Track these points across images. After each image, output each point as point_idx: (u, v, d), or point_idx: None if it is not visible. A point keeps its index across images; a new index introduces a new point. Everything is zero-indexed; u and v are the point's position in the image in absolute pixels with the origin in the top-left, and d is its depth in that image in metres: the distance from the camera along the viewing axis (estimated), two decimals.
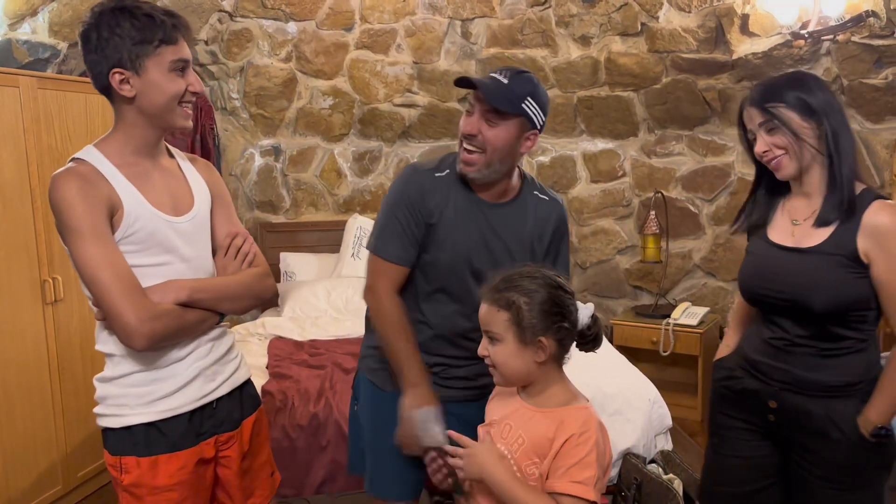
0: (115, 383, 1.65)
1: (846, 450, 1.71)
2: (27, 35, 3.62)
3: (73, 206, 1.51)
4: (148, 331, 1.51)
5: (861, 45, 3.67)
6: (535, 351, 1.47)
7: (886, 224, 1.64)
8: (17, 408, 3.02)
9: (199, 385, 1.68)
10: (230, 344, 1.81)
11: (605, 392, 2.94)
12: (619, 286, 5.07)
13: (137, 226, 1.58)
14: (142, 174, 1.63)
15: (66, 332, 3.28)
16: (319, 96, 4.81)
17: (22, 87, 3.06)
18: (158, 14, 1.55)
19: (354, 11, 4.69)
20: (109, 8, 1.54)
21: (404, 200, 1.83)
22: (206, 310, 1.65)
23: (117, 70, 1.54)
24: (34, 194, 3.11)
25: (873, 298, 1.68)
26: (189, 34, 1.62)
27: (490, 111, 1.74)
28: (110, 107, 1.66)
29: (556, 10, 4.60)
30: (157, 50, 1.54)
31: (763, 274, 1.80)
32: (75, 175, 1.54)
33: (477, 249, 1.84)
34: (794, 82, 1.73)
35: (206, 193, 1.76)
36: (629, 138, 4.89)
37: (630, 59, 4.53)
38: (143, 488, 1.62)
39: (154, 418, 1.63)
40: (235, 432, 1.77)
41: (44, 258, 3.15)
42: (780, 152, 1.71)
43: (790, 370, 1.75)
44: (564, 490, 1.40)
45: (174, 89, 1.58)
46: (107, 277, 1.50)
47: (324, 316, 4.18)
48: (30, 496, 3.07)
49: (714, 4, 4.13)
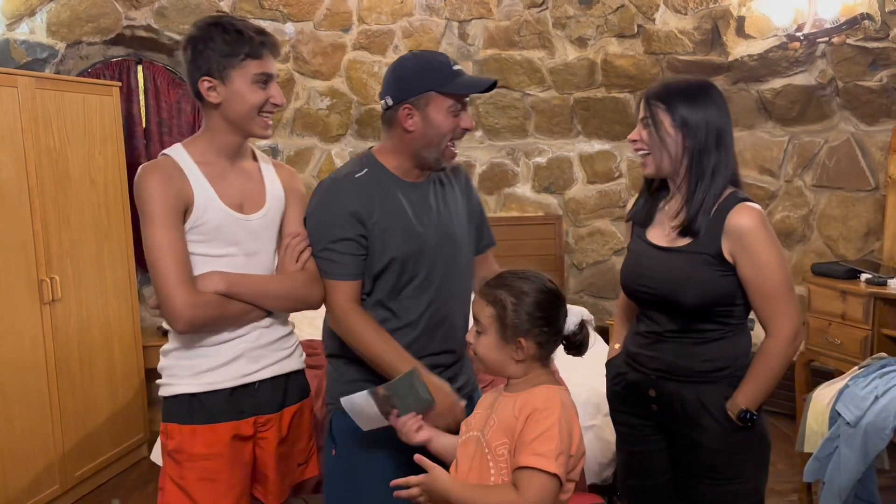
0: (170, 356, 1.80)
1: (716, 435, 1.79)
2: (25, 35, 3.63)
3: (150, 195, 1.68)
4: (189, 316, 1.66)
5: (856, 48, 3.69)
6: (515, 349, 1.51)
7: (747, 226, 1.72)
8: (14, 408, 3.02)
9: (241, 364, 1.79)
10: (284, 333, 1.89)
11: (600, 392, 2.93)
12: (616, 287, 5.08)
13: (205, 218, 1.72)
14: (219, 173, 1.77)
15: (64, 332, 3.28)
16: (317, 97, 4.82)
17: (20, 87, 3.06)
18: (248, 31, 1.72)
19: (352, 12, 4.70)
20: (207, 22, 1.73)
21: (334, 212, 1.79)
22: (248, 303, 1.76)
23: (206, 78, 1.71)
24: (32, 194, 3.11)
25: (739, 295, 1.79)
26: (276, 51, 1.77)
27: (469, 102, 1.85)
28: (107, 107, 1.72)
29: (553, 12, 4.61)
30: (243, 63, 1.70)
31: (639, 271, 1.90)
32: (157, 167, 1.72)
33: (429, 227, 1.84)
34: (686, 91, 1.79)
35: (281, 197, 1.87)
36: (625, 139, 4.90)
37: (626, 61, 4.55)
38: (183, 454, 1.75)
39: (197, 389, 1.76)
40: (275, 416, 1.85)
41: (41, 258, 3.15)
42: (645, 148, 1.82)
43: (663, 358, 1.85)
44: (525, 463, 1.41)
45: (255, 100, 1.73)
46: (165, 262, 1.66)
47: (320, 317, 4.16)
48: (27, 496, 3.08)
49: (710, 6, 4.15)
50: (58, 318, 3.24)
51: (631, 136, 1.85)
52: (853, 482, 2.50)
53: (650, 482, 1.96)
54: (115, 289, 3.62)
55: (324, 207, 1.82)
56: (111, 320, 3.61)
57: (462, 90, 1.78)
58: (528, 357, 1.51)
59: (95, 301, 3.50)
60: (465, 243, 1.95)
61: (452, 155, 1.84)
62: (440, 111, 1.77)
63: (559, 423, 1.43)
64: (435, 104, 1.77)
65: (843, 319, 3.39)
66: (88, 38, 3.93)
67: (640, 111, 1.84)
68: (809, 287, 3.63)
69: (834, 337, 3.42)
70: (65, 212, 3.31)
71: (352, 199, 1.78)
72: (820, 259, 4.10)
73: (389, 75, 1.83)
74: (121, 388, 3.68)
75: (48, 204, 3.21)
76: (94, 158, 3.51)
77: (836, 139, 4.10)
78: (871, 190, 4.00)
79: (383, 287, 1.83)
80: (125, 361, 3.71)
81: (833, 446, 2.59)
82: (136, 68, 4.30)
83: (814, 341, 3.56)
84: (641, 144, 1.82)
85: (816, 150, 4.17)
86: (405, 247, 1.80)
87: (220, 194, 1.75)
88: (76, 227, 3.38)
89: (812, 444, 2.75)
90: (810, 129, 4.20)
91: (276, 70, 1.78)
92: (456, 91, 1.77)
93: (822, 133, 4.16)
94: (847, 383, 2.71)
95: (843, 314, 3.38)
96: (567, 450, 1.44)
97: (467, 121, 1.82)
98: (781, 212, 4.34)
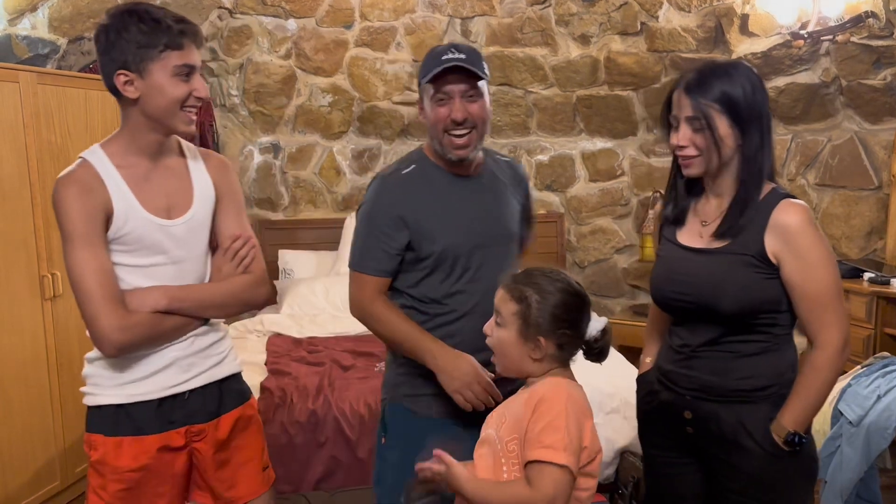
0: (94, 363, 1.70)
1: (759, 460, 1.62)
2: (27, 30, 3.62)
3: (67, 212, 1.59)
4: (117, 340, 1.57)
5: (860, 46, 3.68)
6: (533, 348, 1.47)
7: (794, 224, 1.58)
8: (14, 403, 3.02)
9: (170, 374, 1.70)
10: (216, 339, 1.80)
11: (602, 391, 2.94)
12: (618, 285, 5.08)
13: (127, 228, 1.62)
14: (141, 176, 1.66)
15: (65, 328, 3.27)
16: (319, 94, 4.81)
17: (21, 83, 3.05)
18: (167, 19, 1.58)
19: (354, 9, 4.69)
20: (120, 11, 1.58)
21: (380, 209, 1.82)
22: (189, 316, 1.68)
23: (122, 72, 1.58)
24: (33, 190, 3.10)
25: (784, 301, 1.62)
26: (198, 40, 1.64)
27: (469, 88, 1.76)
28: (109, 103, 1.68)
29: (556, 9, 4.60)
30: (162, 54, 1.57)
31: (672, 277, 1.73)
32: (74, 180, 1.61)
33: (474, 224, 1.84)
34: (728, 78, 1.61)
35: (210, 194, 1.77)
36: (628, 137, 4.89)
37: (629, 59, 4.54)
38: (107, 467, 1.67)
39: (123, 400, 1.67)
40: (208, 425, 1.76)
41: (43, 254, 3.15)
42: (695, 152, 1.63)
43: (699, 376, 1.68)
44: (534, 457, 1.38)
45: (176, 94, 1.61)
46: (88, 283, 1.57)
47: (322, 313, 4.18)
48: (27, 491, 3.07)
49: (714, 4, 4.14)
50: (58, 313, 3.24)
51: (676, 142, 1.65)
52: (855, 481, 2.49)
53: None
54: None
55: (369, 205, 1.85)
56: None
57: (431, 77, 1.75)
58: (545, 357, 1.48)
59: None
60: (515, 239, 1.95)
61: (454, 145, 1.79)
62: (428, 101, 1.80)
63: (565, 412, 1.40)
64: (426, 96, 1.81)
65: None
66: (90, 33, 3.91)
67: (681, 109, 1.64)
68: None
69: None
70: None
71: (396, 198, 1.81)
72: None
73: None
74: None
75: (49, 199, 3.18)
76: None
77: (839, 138, 4.08)
78: (875, 189, 3.99)
79: (433, 282, 1.83)
80: None
81: (835, 445, 2.59)
82: None
83: None
84: (692, 149, 1.63)
85: (819, 149, 4.16)
86: (452, 240, 1.81)
87: (142, 200, 1.64)
88: None
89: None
90: (813, 128, 4.19)
91: (199, 61, 1.64)
92: (424, 79, 1.77)
93: (825, 132, 4.15)
94: (850, 382, 2.70)
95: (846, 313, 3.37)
96: (576, 440, 1.40)
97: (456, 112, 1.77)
98: None
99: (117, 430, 1.67)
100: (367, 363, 3.33)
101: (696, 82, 1.63)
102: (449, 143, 1.79)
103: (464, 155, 1.80)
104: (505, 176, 1.96)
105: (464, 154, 1.80)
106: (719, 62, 1.73)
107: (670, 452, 1.80)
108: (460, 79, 1.75)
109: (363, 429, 2.77)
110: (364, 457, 2.75)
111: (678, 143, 1.65)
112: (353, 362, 3.35)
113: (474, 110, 1.77)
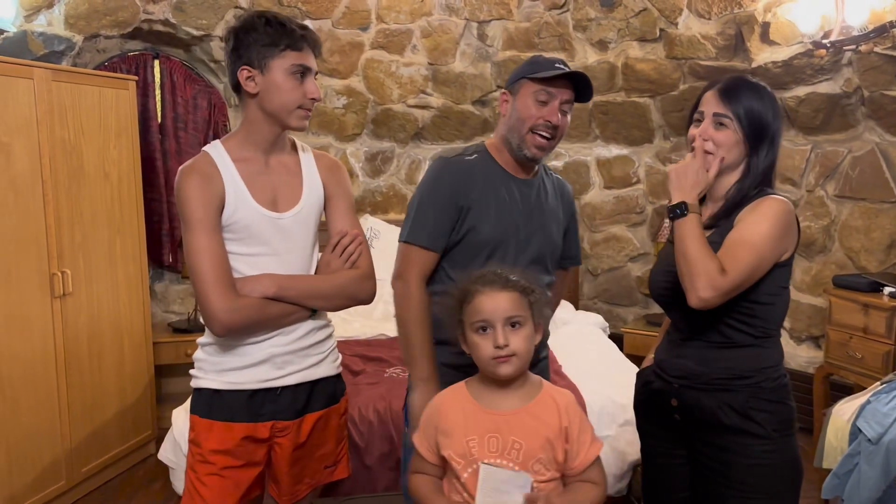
0: (204, 349, 1.83)
1: (739, 445, 1.71)
2: (42, 27, 3.62)
3: (188, 198, 1.71)
4: (226, 321, 1.68)
5: (883, 56, 3.61)
6: (535, 333, 1.55)
7: (759, 206, 1.69)
8: (22, 402, 3.00)
9: (265, 369, 1.79)
10: (320, 339, 1.89)
11: (615, 401, 2.89)
12: (631, 294, 5.03)
13: (236, 217, 1.74)
14: (254, 169, 1.79)
15: (74, 327, 3.26)
16: (333, 95, 4.79)
17: (36, 80, 3.04)
18: (291, 24, 1.74)
19: (371, 11, 4.67)
20: (251, 15, 1.75)
21: (440, 188, 1.89)
22: (293, 304, 1.77)
23: (245, 67, 1.73)
24: (46, 187, 3.09)
25: (763, 292, 1.69)
26: (318, 48, 1.79)
27: (567, 101, 1.87)
28: (123, 101, 1.71)
29: (574, 14, 4.56)
30: (282, 53, 1.72)
31: (662, 269, 1.87)
32: (194, 169, 1.74)
33: (522, 219, 1.92)
34: (758, 96, 1.74)
35: (319, 192, 1.87)
36: (644, 145, 4.85)
37: (647, 65, 4.49)
38: (198, 447, 1.79)
39: (220, 386, 1.79)
40: (292, 423, 1.84)
41: (53, 251, 3.13)
42: (711, 148, 1.73)
43: (685, 364, 1.78)
44: (591, 457, 1.52)
45: (290, 90, 1.74)
46: (203, 266, 1.68)
47: (333, 317, 4.12)
48: (33, 491, 3.06)
49: (735, 12, 4.09)
50: (68, 312, 3.22)
51: (697, 132, 1.75)
52: (873, 500, 2.44)
53: (672, 496, 1.90)
54: (126, 284, 3.60)
55: (427, 184, 1.91)
56: (122, 316, 3.59)
57: (548, 71, 1.83)
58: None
59: (106, 296, 3.48)
60: (557, 248, 2.04)
61: (536, 143, 1.87)
62: (529, 96, 1.86)
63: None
64: (525, 91, 1.87)
65: (864, 333, 3.32)
66: (106, 31, 3.91)
67: (710, 105, 1.75)
68: (830, 299, 3.56)
69: (855, 351, 3.35)
70: (78, 205, 3.29)
71: (455, 179, 1.89)
72: (841, 271, 4.03)
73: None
74: (130, 385, 3.65)
75: (61, 197, 3.19)
76: (109, 152, 3.49)
77: (860, 149, 4.02)
78: (895, 202, 3.92)
79: (470, 266, 1.84)
80: (135, 357, 3.69)
81: (853, 463, 2.53)
82: (152, 63, 4.29)
83: (834, 355, 3.49)
84: (710, 145, 1.74)
85: (840, 160, 4.10)
86: (499, 231, 1.88)
87: (253, 191, 1.76)
88: (89, 220, 3.36)
89: (831, 460, 2.69)
90: (834, 139, 4.12)
91: (315, 66, 1.78)
92: (543, 73, 1.83)
93: (845, 143, 4.08)
94: (869, 399, 2.65)
95: (865, 328, 3.31)
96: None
97: (553, 115, 1.86)
98: (802, 222, 4.25)
99: (210, 413, 1.78)
100: (376, 368, 3.30)
101: (730, 88, 1.75)
102: (532, 141, 1.88)
103: (541, 156, 1.92)
104: (554, 189, 2.05)
105: (541, 155, 1.91)
106: (750, 79, 1.81)
107: (664, 443, 1.89)
108: (567, 87, 1.86)
109: (372, 435, 2.74)
110: (372, 464, 2.71)
111: (697, 133, 1.76)
112: (363, 367, 3.31)
113: (564, 122, 1.89)
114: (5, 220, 2.91)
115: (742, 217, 1.70)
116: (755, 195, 1.74)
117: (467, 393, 1.57)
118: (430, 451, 1.57)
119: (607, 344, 3.84)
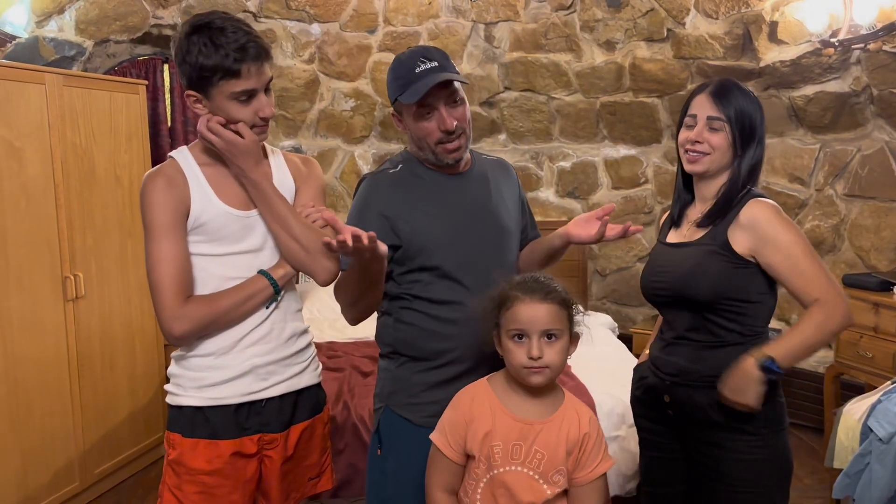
0: (179, 363, 1.76)
1: (729, 441, 1.74)
2: (54, 33, 3.65)
3: (150, 203, 1.66)
4: (175, 329, 1.64)
5: (892, 55, 3.60)
6: (571, 345, 1.55)
7: (759, 216, 1.72)
8: (35, 404, 3.03)
9: (248, 381, 1.74)
10: (301, 346, 1.85)
11: (624, 402, 2.89)
12: (639, 294, 4.99)
13: (204, 218, 1.69)
14: (221, 172, 1.73)
15: (87, 330, 3.29)
16: (341, 98, 4.81)
17: (48, 85, 3.07)
18: (227, 46, 1.58)
19: (378, 14, 4.69)
20: (187, 31, 1.62)
21: (369, 208, 1.80)
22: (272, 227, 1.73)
23: (190, 92, 1.66)
24: (58, 191, 3.12)
25: (753, 292, 1.74)
26: (259, 58, 1.63)
27: (450, 94, 1.75)
28: (133, 105, 1.70)
29: (581, 15, 4.57)
30: (219, 83, 1.62)
31: (654, 270, 1.91)
32: (160, 174, 1.69)
33: (466, 219, 1.82)
34: (747, 99, 1.79)
35: (290, 185, 1.84)
36: (652, 145, 4.84)
37: (655, 65, 4.49)
38: (183, 467, 1.71)
39: (201, 403, 1.71)
40: (280, 435, 1.79)
41: (66, 255, 3.16)
42: (707, 149, 1.78)
43: (677, 362, 1.82)
44: (603, 470, 1.54)
45: (240, 117, 1.66)
46: (156, 274, 1.64)
47: (342, 318, 4.14)
48: (47, 492, 3.08)
49: (742, 11, 4.08)
50: (80, 315, 3.25)
51: (691, 136, 1.80)
52: (885, 500, 2.43)
53: (668, 489, 1.94)
54: (138, 287, 3.63)
55: (357, 205, 1.85)
56: (133, 319, 3.61)
57: (413, 98, 1.70)
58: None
59: (118, 299, 3.51)
60: (514, 235, 1.94)
61: (448, 151, 1.78)
62: (410, 117, 1.77)
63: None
64: (406, 111, 1.77)
65: (875, 332, 3.31)
66: (116, 36, 3.94)
67: (704, 108, 1.79)
68: None
69: (866, 350, 3.34)
70: (89, 209, 3.32)
71: (382, 197, 1.80)
72: (851, 270, 4.01)
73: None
74: (141, 387, 3.68)
75: (73, 201, 3.22)
76: (120, 156, 3.52)
77: (869, 148, 4.01)
78: None
79: (427, 280, 1.80)
80: (146, 360, 3.72)
81: (864, 463, 2.53)
82: (162, 67, 4.32)
83: (844, 354, 3.48)
84: (705, 146, 1.79)
85: (849, 159, 4.09)
86: (445, 238, 1.78)
87: (219, 192, 1.72)
88: (100, 224, 3.39)
89: (842, 460, 2.68)
90: (843, 137, 4.11)
91: (262, 81, 1.65)
92: (409, 101, 1.71)
93: (854, 141, 4.07)
94: (880, 398, 2.64)
95: (876, 327, 3.30)
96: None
97: (447, 122, 1.74)
98: (811, 221, 4.25)
99: (194, 431, 1.71)
100: None
101: (722, 91, 1.79)
102: (443, 152, 1.78)
103: (459, 157, 1.80)
104: (495, 173, 1.95)
105: (459, 156, 1.80)
106: (737, 82, 1.85)
107: (660, 437, 1.92)
108: (439, 87, 1.72)
109: None
110: None
111: (693, 138, 1.79)
112: (373, 368, 3.32)
113: (460, 115, 1.77)
114: (18, 223, 2.94)
115: (760, 242, 1.72)
116: (744, 195, 1.78)
117: (492, 392, 1.56)
118: (455, 449, 1.55)
119: (616, 344, 3.84)
